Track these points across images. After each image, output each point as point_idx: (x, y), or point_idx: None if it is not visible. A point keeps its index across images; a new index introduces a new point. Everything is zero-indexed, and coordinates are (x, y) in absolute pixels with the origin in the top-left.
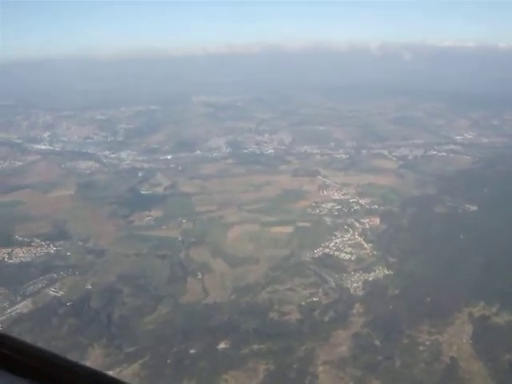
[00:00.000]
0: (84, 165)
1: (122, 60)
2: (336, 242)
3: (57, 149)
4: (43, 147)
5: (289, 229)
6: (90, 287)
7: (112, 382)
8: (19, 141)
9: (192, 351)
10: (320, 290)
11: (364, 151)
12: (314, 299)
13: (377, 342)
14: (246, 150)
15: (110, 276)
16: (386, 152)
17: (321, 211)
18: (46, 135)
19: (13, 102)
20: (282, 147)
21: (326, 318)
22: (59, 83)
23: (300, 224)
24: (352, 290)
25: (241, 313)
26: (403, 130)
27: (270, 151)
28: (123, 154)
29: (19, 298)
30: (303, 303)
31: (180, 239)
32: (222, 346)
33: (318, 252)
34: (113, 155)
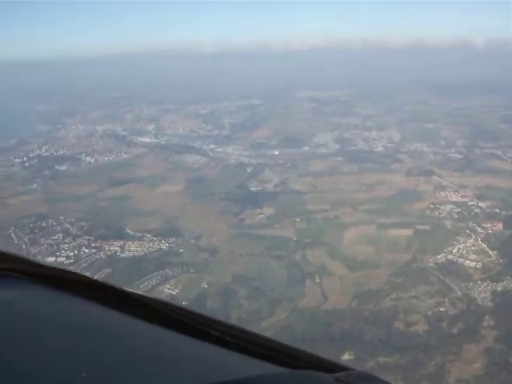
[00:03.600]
0: (191, 159)
1: (222, 54)
2: (459, 248)
3: (162, 142)
4: (148, 140)
5: (408, 232)
6: (205, 286)
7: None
8: (124, 133)
9: None
10: (446, 299)
11: (477, 151)
12: (441, 309)
13: None
14: (354, 147)
15: (225, 276)
16: (499, 152)
17: (440, 214)
18: (150, 128)
19: (117, 94)
20: (392, 145)
21: (455, 330)
22: (159, 77)
23: (419, 227)
24: (480, 301)
25: (364, 321)
26: None
27: (379, 149)
28: (229, 149)
29: None
30: (430, 313)
31: (295, 239)
32: (345, 357)
33: (441, 258)
34: (219, 149)
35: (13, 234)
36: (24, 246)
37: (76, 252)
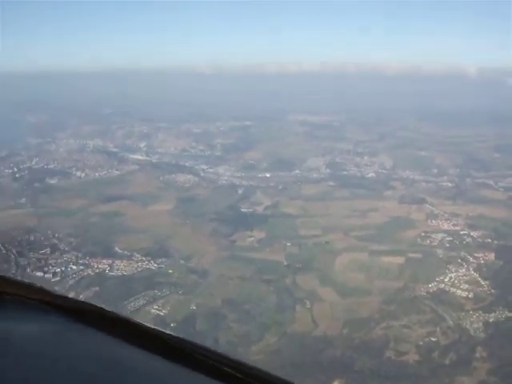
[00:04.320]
0: (182, 178)
1: (216, 75)
2: (451, 277)
3: (154, 160)
4: (140, 157)
5: (400, 259)
6: (194, 308)
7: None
8: (115, 149)
9: None
10: (438, 328)
11: (468, 180)
12: (432, 339)
13: None
14: (345, 172)
15: (215, 299)
16: (491, 182)
17: (431, 242)
18: (142, 145)
19: (110, 109)
20: (384, 171)
21: (447, 361)
22: (152, 95)
23: (411, 255)
24: (472, 332)
25: (354, 349)
26: (508, 159)
27: (371, 175)
28: (221, 169)
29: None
30: (421, 343)
31: (285, 264)
32: None
33: (433, 287)
34: (210, 170)
35: (0, 246)
36: (12, 257)
37: (63, 268)
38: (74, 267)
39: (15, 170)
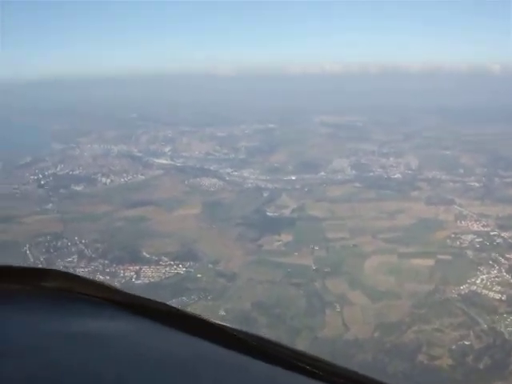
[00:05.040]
0: (207, 182)
1: (237, 76)
2: (482, 279)
3: (178, 164)
4: (164, 162)
5: (429, 261)
6: (223, 314)
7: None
8: (140, 154)
9: None
10: (471, 332)
11: (496, 179)
12: (466, 342)
13: None
14: (371, 174)
15: (244, 303)
16: None
17: (461, 243)
18: (166, 150)
19: (133, 114)
20: (410, 172)
21: (481, 366)
22: (175, 99)
23: (441, 257)
24: (507, 335)
25: (386, 353)
26: None
27: (397, 175)
28: (246, 173)
29: None
30: (454, 346)
31: (314, 268)
32: None
33: (465, 289)
34: (235, 173)
35: (28, 252)
36: (40, 265)
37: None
38: (101, 277)
39: (40, 176)
